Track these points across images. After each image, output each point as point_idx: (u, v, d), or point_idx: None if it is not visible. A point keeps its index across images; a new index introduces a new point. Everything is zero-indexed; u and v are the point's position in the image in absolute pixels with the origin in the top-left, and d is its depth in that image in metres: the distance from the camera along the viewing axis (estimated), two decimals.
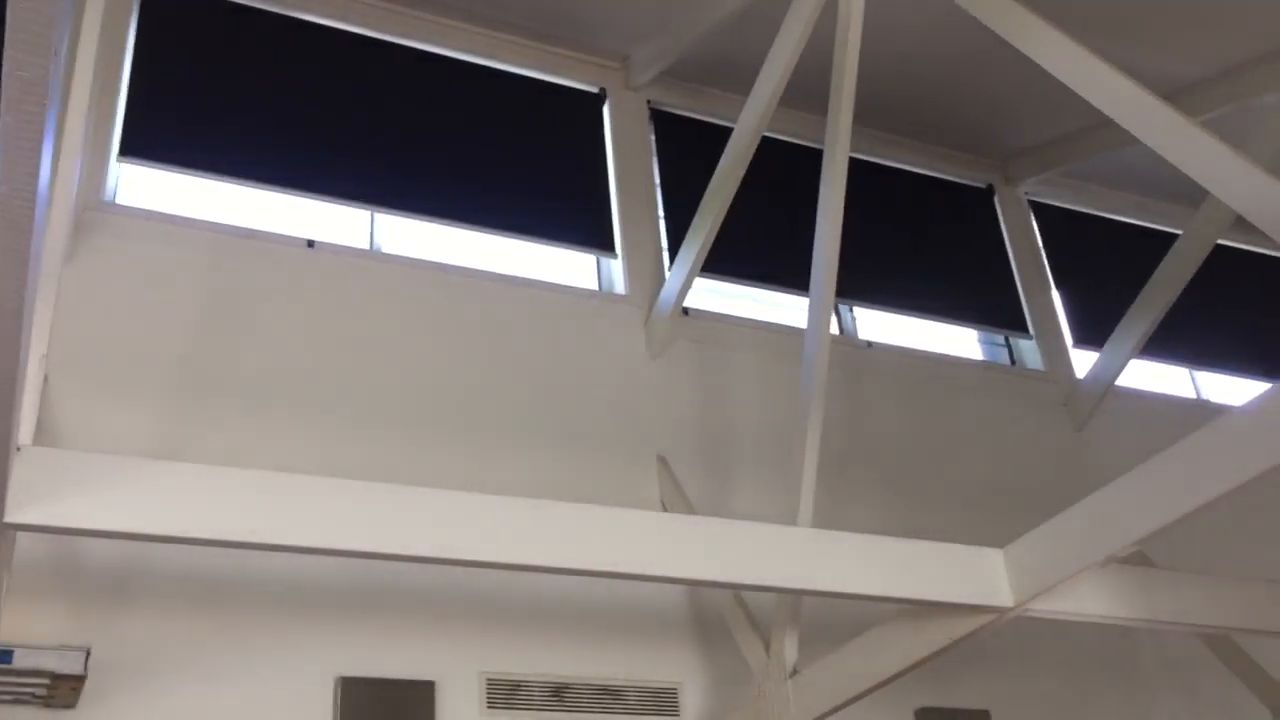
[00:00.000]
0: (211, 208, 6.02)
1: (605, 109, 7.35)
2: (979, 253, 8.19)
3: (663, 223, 7.15)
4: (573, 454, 6.04)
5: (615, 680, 5.44)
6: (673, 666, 5.65)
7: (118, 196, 5.80)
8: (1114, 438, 7.70)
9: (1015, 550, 4.28)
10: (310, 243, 6.03)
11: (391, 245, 6.34)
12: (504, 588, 5.47)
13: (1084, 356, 8.05)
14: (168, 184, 5.99)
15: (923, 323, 7.75)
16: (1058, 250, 8.52)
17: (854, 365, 7.16)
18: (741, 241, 7.11)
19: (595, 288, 6.81)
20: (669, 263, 6.96)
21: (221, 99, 6.21)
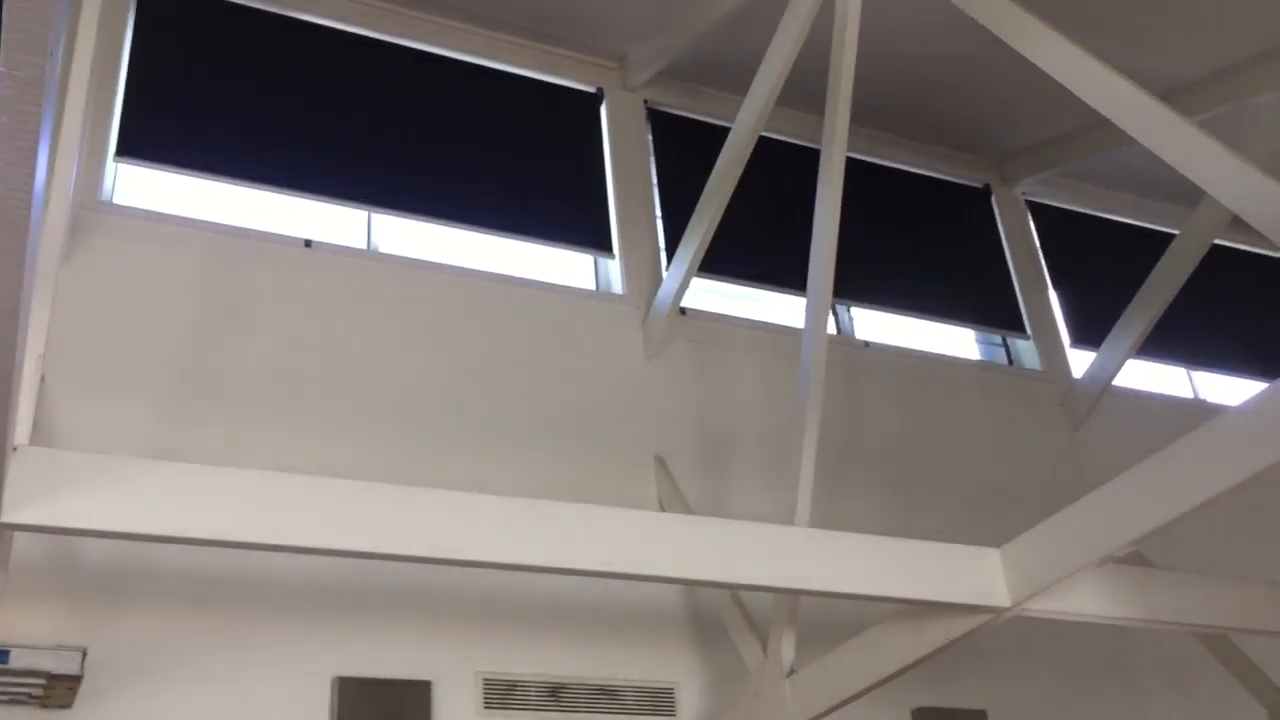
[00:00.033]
0: (208, 207, 6.01)
1: (602, 109, 7.35)
2: (976, 253, 8.19)
3: (660, 222, 7.15)
4: (570, 454, 6.03)
5: (612, 680, 5.44)
6: (670, 666, 5.65)
7: (115, 196, 5.80)
8: (1111, 438, 7.71)
9: (1012, 550, 4.28)
10: (307, 243, 6.03)
11: (389, 245, 6.34)
12: (501, 588, 5.47)
13: (1081, 356, 8.06)
14: (165, 184, 5.98)
15: (920, 323, 7.75)
16: (1055, 250, 8.52)
17: (851, 365, 7.16)
18: (739, 241, 7.11)
19: (593, 288, 6.81)
20: (666, 263, 6.96)
21: (218, 99, 6.21)
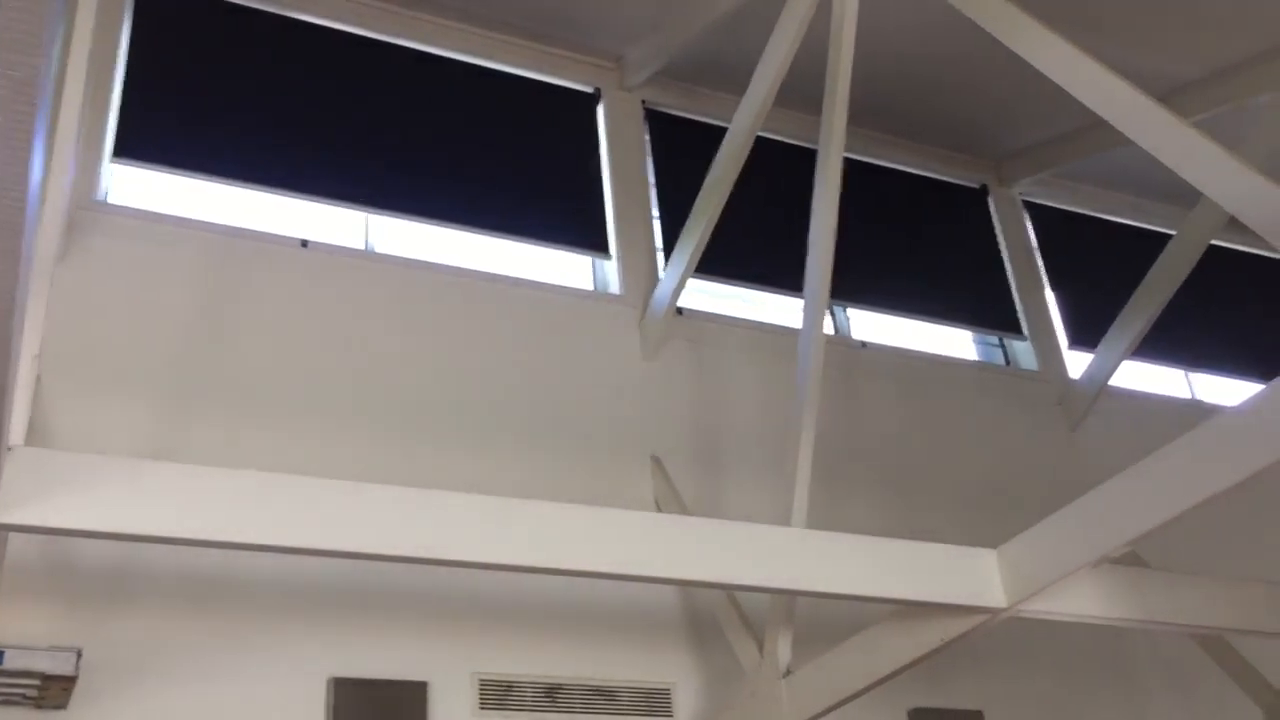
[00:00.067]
0: (205, 207, 6.01)
1: (600, 109, 7.34)
2: (973, 253, 8.19)
3: (657, 223, 7.14)
4: (566, 454, 6.03)
5: (608, 681, 5.44)
6: (666, 667, 5.64)
7: (111, 196, 5.79)
8: (1108, 438, 7.71)
9: (1008, 551, 4.28)
10: (304, 243, 6.02)
11: (385, 245, 6.33)
12: (497, 588, 5.46)
13: (1078, 357, 8.06)
14: (161, 183, 5.97)
15: (917, 323, 7.75)
16: (1052, 251, 8.52)
17: (848, 365, 7.16)
18: (736, 242, 7.10)
19: (590, 288, 6.80)
20: (663, 263, 6.96)
21: (215, 99, 6.20)
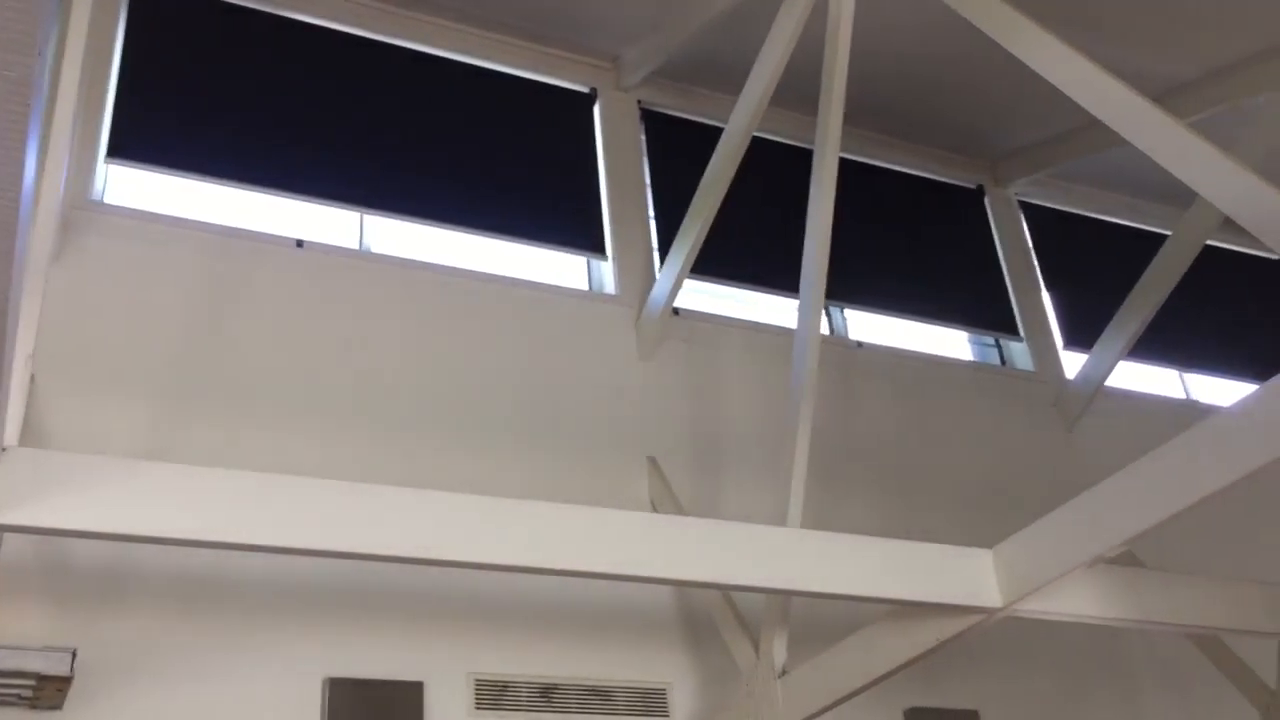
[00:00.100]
0: (200, 207, 6.00)
1: (596, 109, 7.34)
2: (969, 254, 8.19)
3: (653, 223, 7.14)
4: (562, 454, 6.03)
5: (604, 681, 5.44)
6: (662, 667, 5.64)
7: (106, 195, 5.78)
8: (1104, 438, 7.71)
9: (1004, 550, 4.28)
10: (299, 242, 6.02)
11: (381, 245, 6.32)
12: (493, 588, 5.46)
13: (1074, 357, 8.06)
14: (156, 183, 5.97)
15: (913, 323, 7.75)
16: (1048, 251, 8.53)
17: (844, 365, 7.16)
18: (732, 242, 7.10)
19: (585, 288, 6.80)
20: (659, 263, 6.96)
21: (210, 99, 6.19)
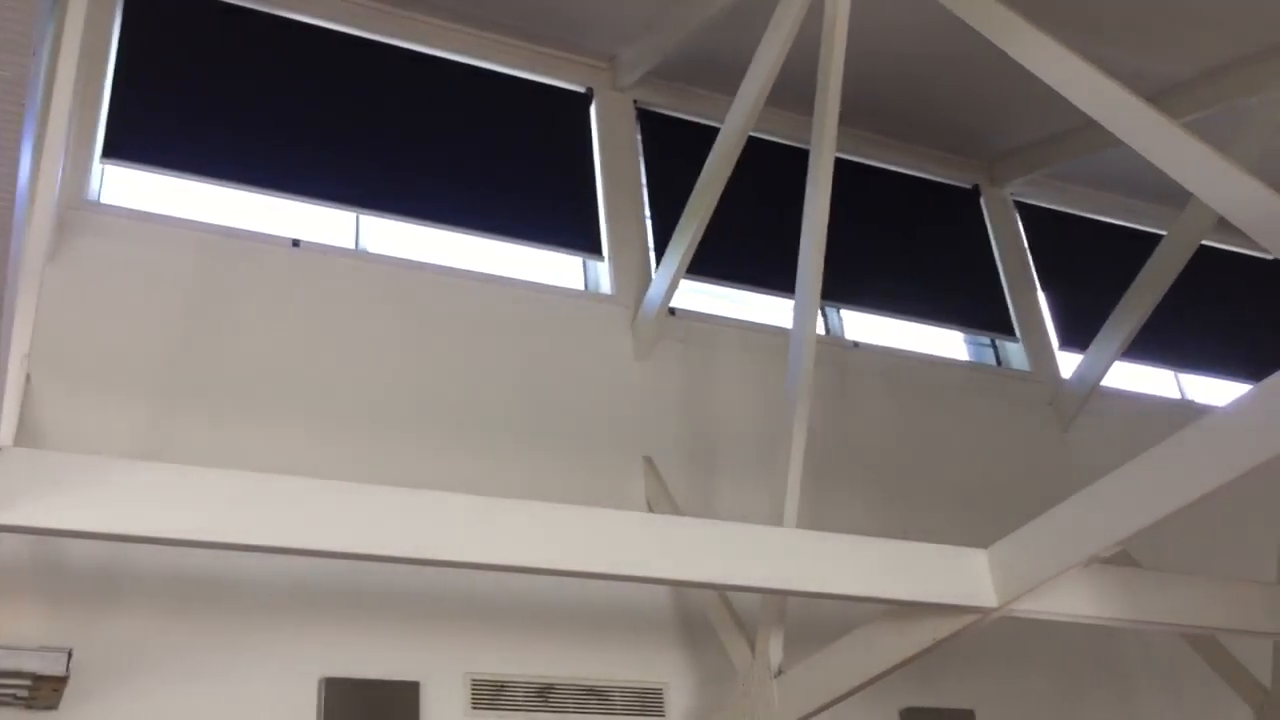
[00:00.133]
0: (196, 207, 6.00)
1: (592, 109, 7.34)
2: (964, 254, 8.20)
3: (649, 223, 7.14)
4: (558, 454, 6.03)
5: (601, 681, 5.44)
6: (658, 666, 5.64)
7: (102, 195, 5.78)
8: (1099, 438, 7.72)
9: (999, 550, 4.29)
10: (295, 242, 6.01)
11: (377, 245, 6.32)
12: (489, 588, 5.46)
13: (1069, 358, 8.07)
14: (152, 183, 5.96)
15: (908, 324, 7.75)
16: (1043, 251, 8.53)
17: (840, 365, 7.17)
18: (728, 242, 7.10)
19: (581, 288, 6.80)
20: (655, 263, 6.96)
21: (206, 99, 6.19)
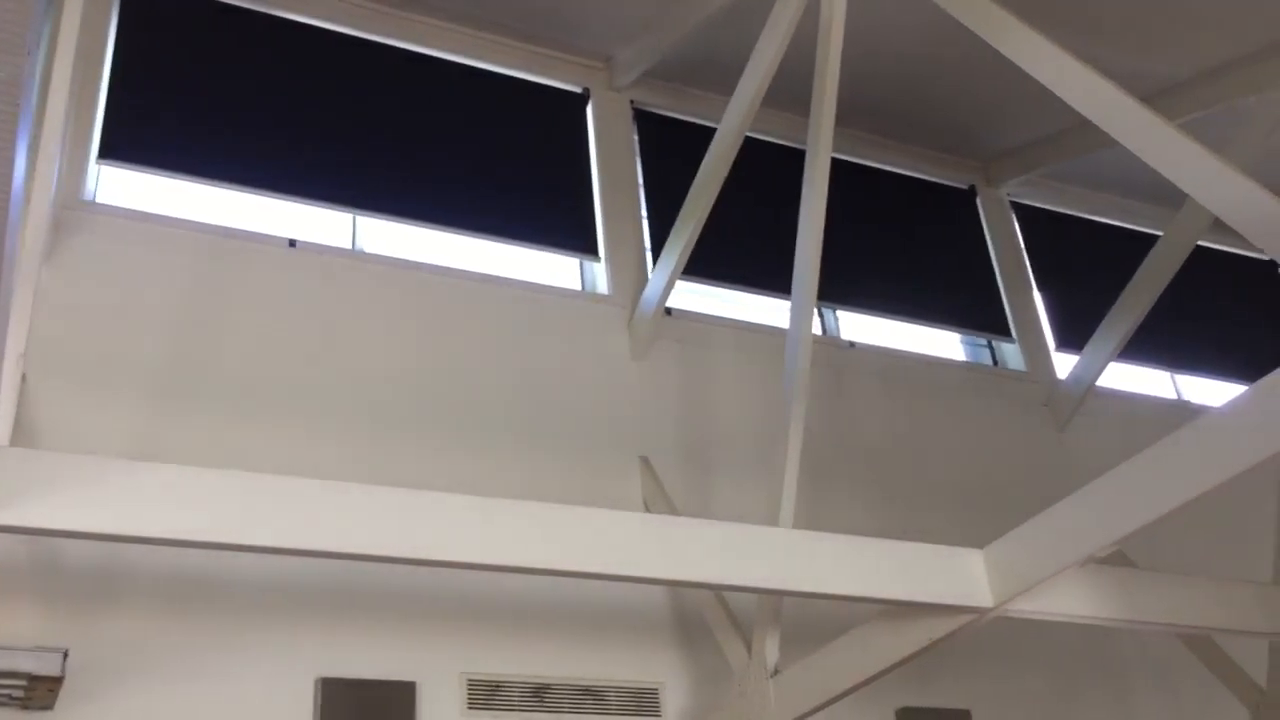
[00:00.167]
0: (193, 207, 5.99)
1: (588, 109, 7.34)
2: (961, 254, 8.20)
3: (646, 223, 7.15)
4: (555, 454, 6.03)
5: (597, 681, 5.44)
6: (654, 667, 5.64)
7: (98, 196, 5.77)
8: (1095, 439, 7.73)
9: (995, 550, 4.29)
10: (292, 242, 6.01)
11: (374, 245, 6.32)
12: (485, 588, 5.46)
13: (1065, 358, 8.07)
14: (149, 183, 5.96)
15: (904, 324, 7.76)
16: (1039, 252, 8.54)
17: (836, 365, 7.17)
18: (724, 242, 7.10)
19: (578, 288, 6.80)
20: (652, 263, 6.96)
21: (203, 100, 6.18)
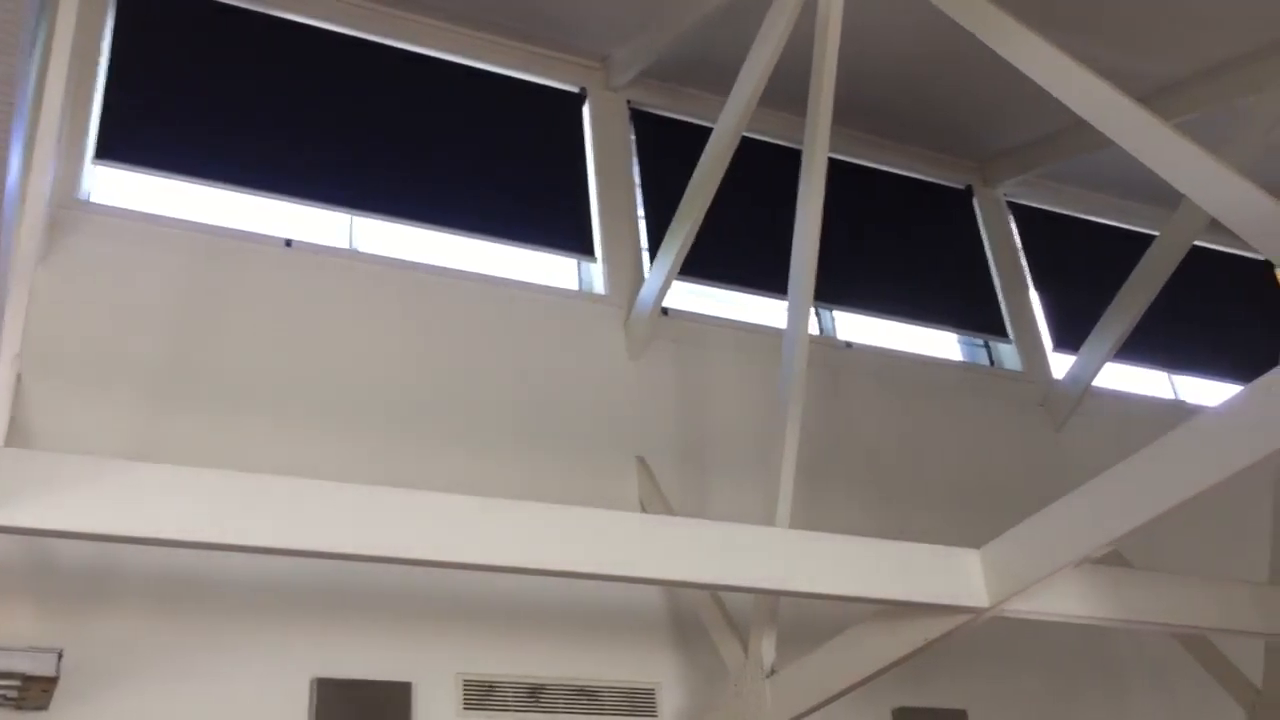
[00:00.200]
0: (188, 207, 5.98)
1: (585, 109, 7.34)
2: (957, 255, 8.20)
3: (642, 223, 7.14)
4: (551, 454, 6.02)
5: (592, 681, 5.44)
6: (650, 667, 5.64)
7: (93, 195, 5.76)
8: (1091, 439, 7.73)
9: (991, 550, 4.29)
10: (288, 242, 6.00)
11: (370, 245, 6.31)
12: (481, 589, 5.46)
13: (1062, 358, 8.07)
14: (144, 183, 5.95)
15: (901, 324, 7.76)
16: (1036, 252, 8.55)
17: (833, 365, 7.17)
18: (721, 242, 7.10)
19: (575, 288, 6.80)
20: (649, 263, 6.96)
21: (199, 100, 6.17)
